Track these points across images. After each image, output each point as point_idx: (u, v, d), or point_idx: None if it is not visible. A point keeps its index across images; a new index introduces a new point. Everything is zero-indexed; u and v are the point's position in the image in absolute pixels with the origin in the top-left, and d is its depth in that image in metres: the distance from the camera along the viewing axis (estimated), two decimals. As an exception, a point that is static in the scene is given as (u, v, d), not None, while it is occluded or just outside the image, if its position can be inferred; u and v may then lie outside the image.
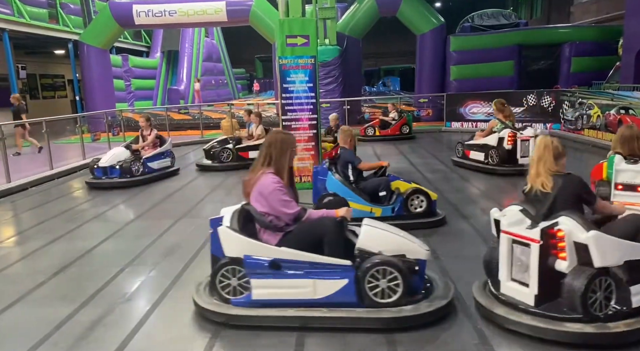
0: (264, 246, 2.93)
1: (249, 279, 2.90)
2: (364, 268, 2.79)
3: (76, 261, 4.28)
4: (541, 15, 25.91)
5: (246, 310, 2.90)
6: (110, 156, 7.44)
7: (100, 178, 7.35)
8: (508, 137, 7.03)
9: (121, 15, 14.36)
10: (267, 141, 3.16)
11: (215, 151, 8.57)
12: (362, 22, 14.55)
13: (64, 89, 22.46)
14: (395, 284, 2.80)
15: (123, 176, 7.30)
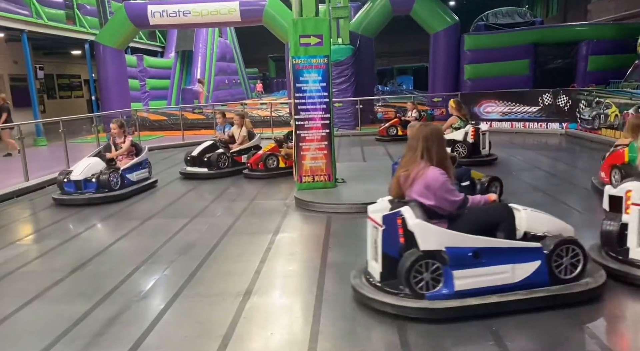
0: (464, 236, 2.98)
1: (449, 271, 2.92)
2: (551, 248, 3.01)
3: (94, 258, 4.34)
4: (557, 13, 25.56)
5: (445, 302, 2.92)
6: (84, 168, 6.44)
7: (71, 194, 6.37)
8: (471, 132, 8.04)
9: (136, 15, 14.51)
10: (420, 135, 3.18)
11: (212, 157, 7.92)
12: (375, 21, 14.50)
13: (80, 89, 22.78)
14: (576, 260, 3.07)
15: (100, 191, 6.38)
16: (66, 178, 6.42)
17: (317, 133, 6.43)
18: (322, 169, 6.40)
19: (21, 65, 15.41)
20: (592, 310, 3.04)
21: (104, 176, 6.41)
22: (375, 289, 3.13)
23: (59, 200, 6.35)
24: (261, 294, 3.48)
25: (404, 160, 3.28)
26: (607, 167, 5.67)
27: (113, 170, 6.56)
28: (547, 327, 2.83)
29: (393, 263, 3.05)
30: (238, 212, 5.79)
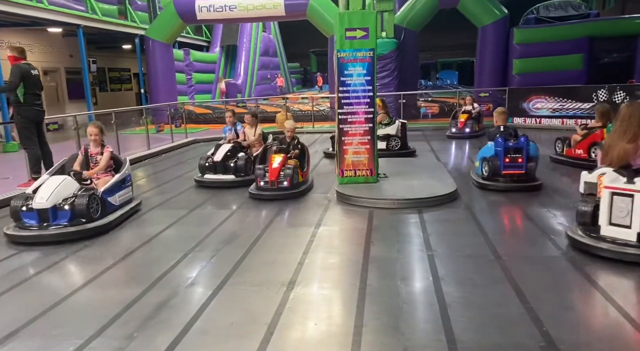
0: None
1: None
2: None
3: (144, 245, 4.52)
4: (615, 4, 24.23)
5: None
6: (51, 190, 4.64)
7: (32, 227, 4.59)
8: (399, 127, 8.95)
9: (184, 10, 14.87)
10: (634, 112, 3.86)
11: (239, 162, 6.86)
12: (421, 14, 14.23)
13: (130, 82, 23.62)
14: None
15: (75, 222, 4.64)
16: (25, 205, 4.64)
17: (360, 127, 6.39)
18: (364, 164, 6.36)
19: (76, 59, 16.14)
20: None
21: (80, 200, 4.64)
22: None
23: (15, 238, 4.55)
24: (305, 285, 3.51)
25: (617, 134, 3.86)
26: (587, 145, 7.06)
27: (91, 193, 4.79)
28: None
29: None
30: (280, 205, 5.86)
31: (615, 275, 3.50)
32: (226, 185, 6.77)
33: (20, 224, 4.67)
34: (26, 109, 6.56)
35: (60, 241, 4.53)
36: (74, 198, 4.72)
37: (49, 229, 4.58)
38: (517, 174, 5.99)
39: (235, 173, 6.85)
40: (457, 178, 6.64)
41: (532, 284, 3.34)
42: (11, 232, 4.63)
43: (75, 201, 4.69)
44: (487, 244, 4.20)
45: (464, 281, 3.50)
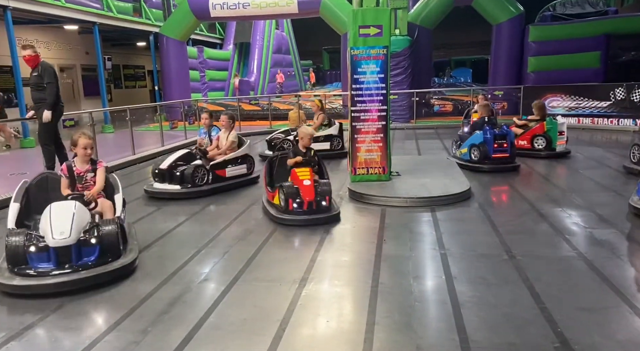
0: None
1: None
2: None
3: (158, 240, 4.56)
4: (634, 1, 23.75)
5: None
6: (69, 222, 3.53)
7: (47, 273, 3.42)
8: (338, 127, 9.06)
9: (198, 8, 14.96)
10: None
11: (186, 171, 6.12)
12: (435, 12, 14.13)
13: (144, 79, 23.83)
14: None
15: (102, 260, 3.57)
16: (37, 243, 3.44)
17: (373, 125, 6.37)
18: (377, 162, 6.35)
19: (92, 56, 16.35)
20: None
21: (108, 229, 3.59)
22: None
23: (21, 289, 3.35)
24: (317, 282, 3.52)
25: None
26: (529, 137, 8.10)
27: (117, 221, 3.77)
28: None
29: None
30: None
31: (632, 275, 3.45)
32: (170, 197, 6.05)
33: (26, 269, 3.40)
34: (59, 107, 6.65)
35: (89, 287, 3.42)
36: (94, 227, 3.60)
37: (71, 274, 3.38)
38: (504, 157, 7.13)
39: (181, 184, 6.09)
40: (469, 176, 6.61)
41: (546, 285, 3.30)
42: (17, 283, 3.33)
43: (102, 232, 3.56)
44: (500, 243, 4.17)
45: (477, 280, 3.47)
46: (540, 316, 2.87)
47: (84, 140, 4.14)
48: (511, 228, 4.58)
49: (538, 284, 3.30)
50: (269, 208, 5.17)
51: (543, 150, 8.01)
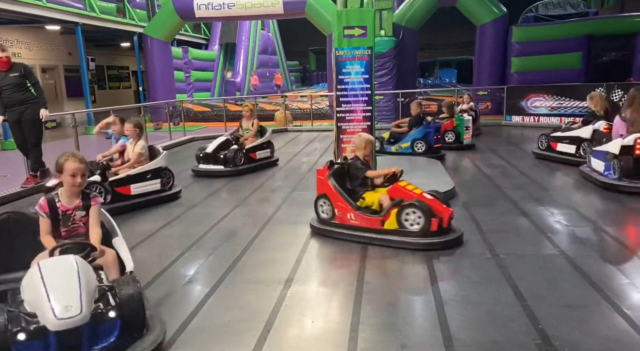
0: None
1: None
2: None
3: (142, 242, 4.52)
4: (614, 3, 24.23)
5: None
6: (76, 290, 2.34)
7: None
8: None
9: (183, 8, 14.85)
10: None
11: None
12: (420, 13, 14.22)
13: (128, 80, 23.59)
14: None
15: (126, 338, 2.49)
16: (26, 325, 2.28)
17: (359, 126, 6.39)
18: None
19: (75, 56, 16.13)
20: None
21: (128, 291, 2.53)
22: None
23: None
24: (302, 282, 3.52)
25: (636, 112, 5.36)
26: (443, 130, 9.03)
27: (134, 280, 2.67)
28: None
29: None
30: (278, 202, 5.86)
31: (612, 273, 3.52)
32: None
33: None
34: (43, 106, 6.56)
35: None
36: (106, 292, 2.51)
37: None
38: (440, 146, 8.55)
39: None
40: (454, 176, 6.67)
41: (528, 282, 3.35)
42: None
43: (121, 299, 2.48)
44: (484, 242, 4.21)
45: (461, 279, 3.51)
46: (523, 313, 2.91)
47: (72, 164, 2.92)
48: (495, 227, 4.63)
49: (520, 282, 3.34)
50: (358, 233, 4.27)
51: (453, 143, 9.26)
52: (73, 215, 3.02)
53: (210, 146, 7.70)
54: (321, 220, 4.58)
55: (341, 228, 4.41)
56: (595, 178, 6.09)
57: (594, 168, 6.30)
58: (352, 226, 4.35)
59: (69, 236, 3.03)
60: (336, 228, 4.44)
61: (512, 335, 2.69)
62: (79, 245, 2.79)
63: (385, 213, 4.17)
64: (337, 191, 4.43)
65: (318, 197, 4.60)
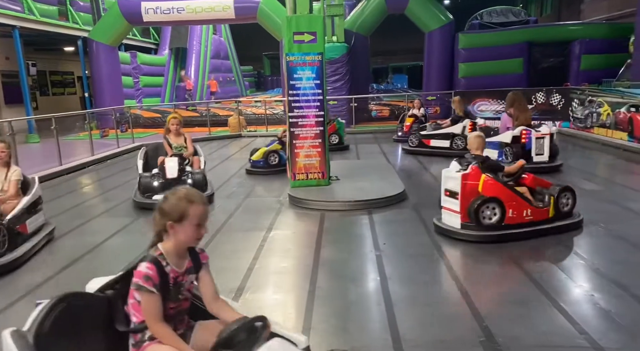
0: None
1: None
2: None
3: (86, 255, 4.32)
4: (551, 12, 25.65)
5: None
6: None
7: None
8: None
9: (130, 12, 14.42)
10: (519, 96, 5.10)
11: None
12: (370, 19, 14.49)
13: (74, 86, 22.60)
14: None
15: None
16: None
17: (311, 131, 6.42)
18: (316, 167, 6.39)
19: (13, 61, 15.26)
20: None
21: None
22: None
23: None
24: (254, 291, 3.48)
25: (521, 109, 6.60)
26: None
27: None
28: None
29: None
30: (232, 209, 5.78)
31: (553, 271, 3.69)
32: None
33: None
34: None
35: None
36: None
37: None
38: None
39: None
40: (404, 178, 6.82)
41: (474, 281, 3.46)
42: None
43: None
44: (432, 243, 4.32)
45: (410, 279, 3.58)
46: (468, 312, 3.00)
47: (199, 208, 2.01)
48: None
49: (466, 281, 3.45)
50: (531, 228, 4.30)
51: (336, 145, 9.86)
52: (184, 283, 2.04)
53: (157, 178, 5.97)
54: (486, 226, 4.22)
55: (515, 228, 4.25)
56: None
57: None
58: (526, 223, 4.27)
59: (176, 315, 2.02)
60: (508, 229, 4.23)
61: (457, 333, 2.76)
62: (249, 323, 1.84)
63: (548, 202, 4.38)
64: (514, 191, 4.27)
65: (483, 202, 4.16)
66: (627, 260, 3.79)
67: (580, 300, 3.17)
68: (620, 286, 3.28)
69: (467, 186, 4.22)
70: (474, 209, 4.15)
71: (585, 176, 7.03)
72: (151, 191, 5.82)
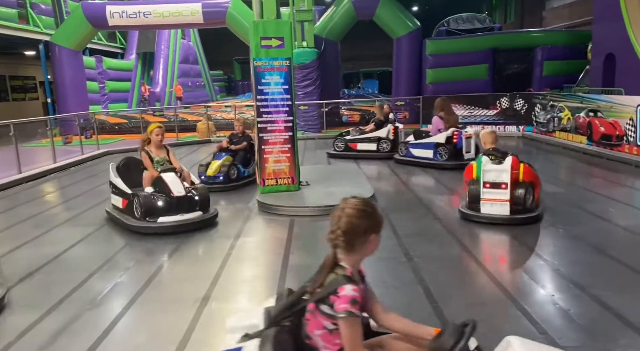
0: None
1: None
2: None
3: (44, 266, 4.16)
4: (515, 19, 26.41)
5: None
6: None
7: None
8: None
9: (94, 16, 14.09)
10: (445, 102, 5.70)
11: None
12: (340, 25, 14.60)
13: (35, 91, 21.89)
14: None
15: None
16: None
17: (280, 136, 6.39)
18: (286, 172, 6.36)
19: (-31, 65, 14.67)
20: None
21: None
22: None
23: None
24: (219, 299, 3.42)
25: (449, 112, 7.09)
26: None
27: None
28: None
29: None
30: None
31: (515, 273, 3.77)
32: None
33: None
34: None
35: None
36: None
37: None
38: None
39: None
40: (373, 182, 6.87)
41: (440, 284, 3.50)
42: None
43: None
44: (399, 246, 4.35)
45: (378, 283, 3.57)
46: (434, 315, 3.02)
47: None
48: (410, 231, 4.80)
49: (432, 284, 3.48)
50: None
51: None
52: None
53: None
54: (525, 209, 4.81)
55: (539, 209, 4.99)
56: (426, 163, 8.15)
57: (420, 156, 8.32)
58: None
59: None
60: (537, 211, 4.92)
61: (423, 337, 2.77)
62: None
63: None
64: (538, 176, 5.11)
65: (527, 187, 4.82)
66: (586, 261, 3.91)
67: (541, 300, 3.24)
68: (579, 286, 3.38)
69: (512, 176, 4.79)
70: (522, 195, 4.77)
71: (547, 178, 7.21)
72: (155, 212, 4.96)
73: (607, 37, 10.20)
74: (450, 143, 8.01)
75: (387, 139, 9.39)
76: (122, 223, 5.14)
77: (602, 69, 10.44)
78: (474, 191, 4.94)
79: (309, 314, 1.72)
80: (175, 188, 5.10)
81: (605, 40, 10.32)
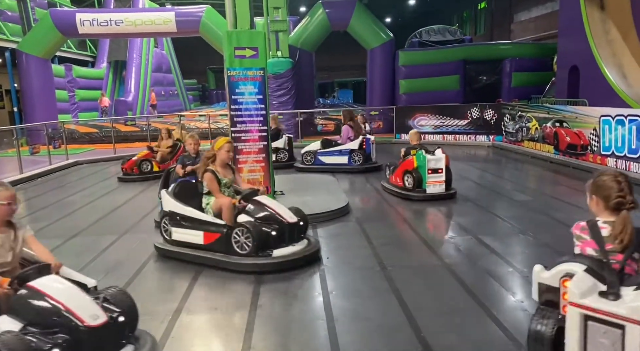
0: None
1: None
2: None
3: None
4: (485, 32, 27.17)
5: None
6: None
7: None
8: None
9: (63, 24, 13.81)
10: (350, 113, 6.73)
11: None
12: (314, 35, 14.72)
13: (1, 100, 21.24)
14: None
15: None
16: None
17: (255, 145, 6.37)
18: (260, 182, 6.33)
19: None
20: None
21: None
22: None
23: None
24: (191, 311, 3.36)
25: (354, 126, 7.20)
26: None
27: None
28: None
29: None
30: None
31: (486, 281, 3.84)
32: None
33: None
34: None
35: None
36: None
37: None
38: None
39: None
40: (347, 192, 6.90)
41: (413, 293, 3.53)
42: None
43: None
44: (374, 255, 4.38)
45: (352, 293, 3.60)
46: (407, 324, 3.05)
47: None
48: (384, 240, 4.85)
49: (405, 293, 3.51)
50: None
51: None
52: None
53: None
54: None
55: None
56: (339, 169, 8.91)
57: (333, 163, 9.09)
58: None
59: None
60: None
61: (397, 345, 2.80)
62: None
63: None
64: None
65: (449, 170, 6.60)
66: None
67: (511, 307, 3.31)
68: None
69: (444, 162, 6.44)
70: (450, 177, 6.55)
71: (516, 187, 7.44)
72: (268, 245, 4.11)
73: (571, 50, 10.59)
74: (362, 149, 8.97)
75: (284, 149, 10.13)
76: (212, 261, 4.17)
77: (567, 80, 10.81)
78: (418, 177, 6.43)
79: None
80: (286, 214, 4.31)
81: (570, 53, 10.71)
